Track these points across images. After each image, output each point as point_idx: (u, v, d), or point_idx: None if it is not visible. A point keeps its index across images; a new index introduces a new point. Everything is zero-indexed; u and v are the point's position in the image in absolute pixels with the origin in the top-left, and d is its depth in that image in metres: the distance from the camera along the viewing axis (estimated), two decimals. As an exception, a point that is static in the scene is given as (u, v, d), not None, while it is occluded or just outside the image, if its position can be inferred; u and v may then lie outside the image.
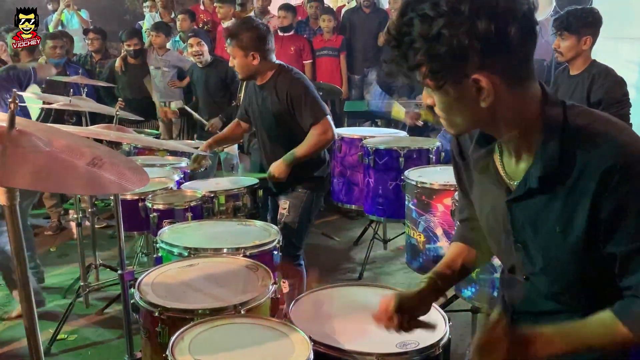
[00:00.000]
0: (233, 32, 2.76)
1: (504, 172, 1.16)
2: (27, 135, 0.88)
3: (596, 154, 1.01)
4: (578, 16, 2.89)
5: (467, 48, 0.95)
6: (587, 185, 1.02)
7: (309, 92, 2.79)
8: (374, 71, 5.98)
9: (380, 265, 4.25)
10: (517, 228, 1.15)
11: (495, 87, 1.00)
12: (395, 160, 3.83)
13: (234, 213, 3.07)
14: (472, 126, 1.12)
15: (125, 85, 5.46)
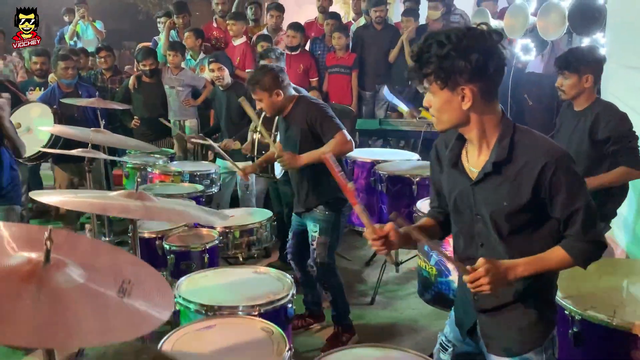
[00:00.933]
0: (254, 80, 3.09)
1: (468, 165, 1.68)
2: (62, 266, 0.94)
3: (536, 153, 1.56)
4: (578, 56, 2.90)
5: (462, 67, 1.49)
6: (530, 174, 1.56)
7: (323, 111, 3.08)
8: (386, 87, 6.01)
9: (392, 288, 4.28)
10: (477, 204, 1.66)
11: (473, 97, 1.53)
12: (408, 188, 3.87)
13: (249, 248, 3.15)
14: (454, 123, 1.60)
15: (140, 104, 5.53)
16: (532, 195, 1.57)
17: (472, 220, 1.70)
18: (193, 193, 3.81)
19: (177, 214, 1.74)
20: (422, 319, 3.77)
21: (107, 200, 1.75)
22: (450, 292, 3.26)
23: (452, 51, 1.48)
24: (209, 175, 4.54)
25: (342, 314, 3.36)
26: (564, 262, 1.61)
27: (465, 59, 1.48)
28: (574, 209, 1.57)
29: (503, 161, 1.58)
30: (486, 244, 1.68)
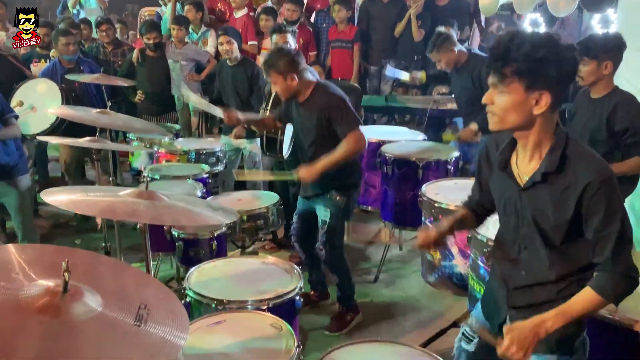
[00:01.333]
0: (270, 62, 3.03)
1: (517, 170, 1.69)
2: (79, 295, 0.96)
3: (584, 169, 1.56)
4: (599, 42, 2.86)
5: (552, 73, 1.51)
6: (575, 189, 1.57)
7: (345, 105, 3.04)
8: (392, 62, 5.93)
9: (396, 267, 4.33)
10: (524, 210, 1.68)
11: (547, 104, 1.55)
12: (413, 171, 3.86)
13: (256, 232, 3.18)
14: (518, 125, 1.60)
15: (144, 78, 5.48)
16: (575, 211, 1.58)
17: (517, 224, 1.73)
18: (199, 174, 3.82)
19: (186, 215, 1.75)
20: (425, 297, 3.84)
21: (117, 200, 1.76)
22: (453, 275, 3.32)
23: (548, 55, 1.50)
24: (215, 153, 4.54)
25: (348, 296, 3.42)
26: (594, 304, 1.60)
27: (558, 66, 1.51)
28: (606, 234, 1.56)
29: (552, 173, 1.60)
30: (529, 248, 1.72)
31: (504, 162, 1.72)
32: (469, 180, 3.73)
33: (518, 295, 1.77)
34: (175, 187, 3.49)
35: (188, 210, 1.82)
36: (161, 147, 4.33)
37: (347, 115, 3.02)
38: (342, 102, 3.05)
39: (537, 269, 1.71)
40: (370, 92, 5.98)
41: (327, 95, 3.05)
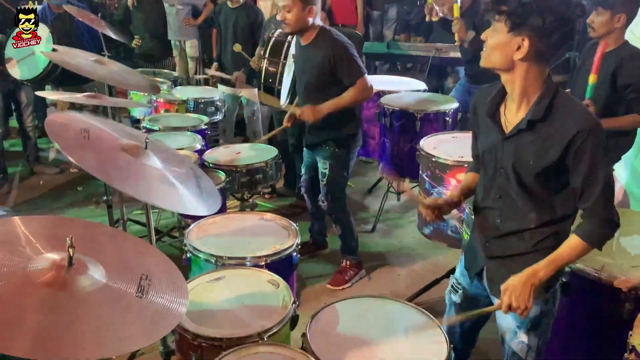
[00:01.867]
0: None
1: (504, 119, 1.73)
2: (83, 268, 1.00)
3: (572, 119, 1.60)
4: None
5: (533, 22, 1.54)
6: (562, 138, 1.60)
7: (349, 52, 2.99)
8: (395, 7, 5.79)
9: (393, 217, 4.42)
10: (504, 158, 1.72)
11: (528, 52, 1.58)
12: (412, 123, 3.87)
13: (255, 186, 3.23)
14: (499, 66, 1.65)
15: (140, 23, 5.38)
16: (558, 159, 1.62)
17: (494, 173, 1.78)
18: (198, 126, 3.82)
19: (168, 198, 1.73)
20: (420, 247, 3.94)
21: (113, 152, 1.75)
22: (448, 227, 3.38)
23: (534, 3, 1.54)
24: (213, 103, 4.53)
25: (351, 249, 3.49)
26: (580, 250, 1.67)
27: (541, 16, 1.54)
28: (594, 180, 1.61)
29: (538, 120, 1.64)
30: (504, 197, 1.77)
31: (493, 108, 1.76)
32: (467, 133, 3.72)
33: (494, 244, 1.82)
34: (174, 140, 3.51)
35: (172, 192, 1.78)
36: (159, 97, 4.31)
37: (352, 62, 3.00)
38: (347, 48, 3.01)
39: (512, 218, 1.77)
40: (373, 37, 5.87)
41: (332, 41, 3.00)
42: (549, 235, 1.73)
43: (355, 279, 3.50)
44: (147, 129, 3.80)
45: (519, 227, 1.76)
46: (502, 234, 1.80)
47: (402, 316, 1.92)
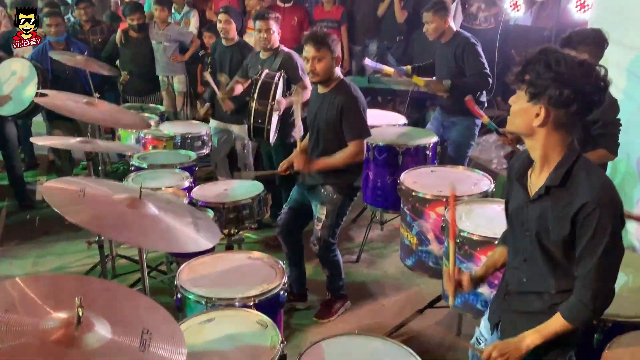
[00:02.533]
0: (324, 36, 3.06)
1: (530, 182, 1.80)
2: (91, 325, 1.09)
3: (584, 189, 1.63)
4: (580, 35, 2.97)
5: (551, 94, 1.61)
6: (573, 206, 1.63)
7: (358, 109, 3.11)
8: (375, 42, 6.00)
9: (377, 247, 4.53)
10: (529, 221, 1.77)
11: (546, 121, 1.65)
12: (394, 157, 4.01)
13: (242, 222, 3.34)
14: (520, 131, 1.74)
15: (128, 59, 5.50)
16: (570, 227, 1.65)
17: (521, 235, 1.82)
18: (186, 163, 3.92)
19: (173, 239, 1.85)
20: (403, 277, 4.05)
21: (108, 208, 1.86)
22: (429, 259, 3.51)
23: (551, 77, 1.60)
24: (200, 137, 4.64)
25: (337, 287, 3.53)
26: (563, 328, 1.72)
27: (558, 89, 1.60)
28: (589, 254, 1.63)
29: (556, 187, 1.68)
30: (529, 260, 1.81)
31: (522, 172, 1.83)
32: (446, 168, 3.91)
33: (514, 299, 1.89)
34: (163, 178, 3.61)
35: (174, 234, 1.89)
36: (147, 133, 4.41)
37: (357, 119, 3.10)
38: (358, 104, 3.11)
39: (537, 279, 1.81)
40: (355, 72, 6.06)
41: (348, 92, 3.10)
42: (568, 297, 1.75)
43: (341, 310, 3.57)
44: (135, 167, 3.89)
45: (541, 288, 1.81)
46: (524, 291, 1.86)
47: (386, 354, 2.02)
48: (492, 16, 5.79)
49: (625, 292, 2.28)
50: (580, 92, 1.60)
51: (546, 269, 1.77)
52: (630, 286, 2.32)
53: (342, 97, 3.09)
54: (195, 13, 5.83)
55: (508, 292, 1.92)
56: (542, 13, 5.67)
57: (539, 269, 1.79)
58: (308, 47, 3.06)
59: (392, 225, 4.66)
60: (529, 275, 1.83)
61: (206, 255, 2.58)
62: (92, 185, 1.98)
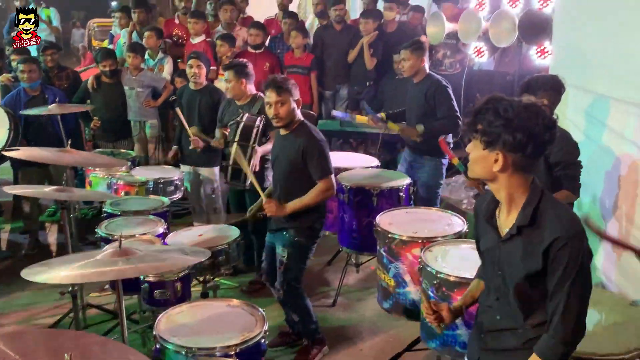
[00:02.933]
0: (282, 81, 3.17)
1: (499, 223, 1.84)
2: None
3: (553, 225, 1.69)
4: (539, 82, 3.11)
5: (505, 140, 1.67)
6: (543, 243, 1.69)
7: (321, 149, 3.18)
8: (345, 87, 6.15)
9: (353, 290, 4.51)
10: (501, 261, 1.82)
11: (504, 164, 1.71)
12: (369, 199, 4.05)
13: (218, 268, 3.30)
14: (482, 177, 1.80)
15: (100, 105, 5.48)
16: (543, 263, 1.71)
17: (494, 275, 1.88)
18: (159, 208, 3.88)
19: (161, 263, 1.87)
20: (381, 320, 4.03)
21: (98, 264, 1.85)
22: (406, 302, 3.52)
23: (502, 124, 1.67)
24: (173, 182, 4.60)
25: (311, 331, 3.49)
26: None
27: (511, 134, 1.67)
28: (560, 290, 1.69)
29: (526, 226, 1.74)
30: (502, 299, 1.87)
31: (490, 213, 1.87)
32: (419, 209, 3.97)
33: (490, 337, 1.94)
34: (137, 226, 3.57)
35: (162, 257, 1.93)
36: (119, 179, 4.37)
37: (321, 159, 3.17)
38: (320, 145, 3.19)
39: (510, 316, 1.85)
40: (326, 115, 6.17)
41: (309, 135, 3.18)
42: (541, 334, 1.78)
43: (319, 356, 3.52)
44: (108, 214, 3.83)
45: (515, 325, 1.85)
46: (498, 329, 1.90)
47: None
48: (457, 62, 6.03)
49: (599, 329, 2.33)
50: (531, 134, 1.67)
51: (519, 305, 1.81)
52: (603, 324, 2.37)
53: (304, 139, 3.17)
54: (169, 60, 5.89)
55: (483, 331, 1.96)
56: (505, 59, 5.92)
57: (512, 307, 1.83)
58: (269, 93, 3.14)
59: (368, 268, 4.67)
60: (502, 313, 1.88)
61: (184, 304, 2.53)
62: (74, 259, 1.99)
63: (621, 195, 3.42)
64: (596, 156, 3.62)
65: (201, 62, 4.68)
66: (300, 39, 5.85)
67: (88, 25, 15.51)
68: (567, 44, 4.21)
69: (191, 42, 5.97)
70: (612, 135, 3.55)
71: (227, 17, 6.20)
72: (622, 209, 3.38)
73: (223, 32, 5.95)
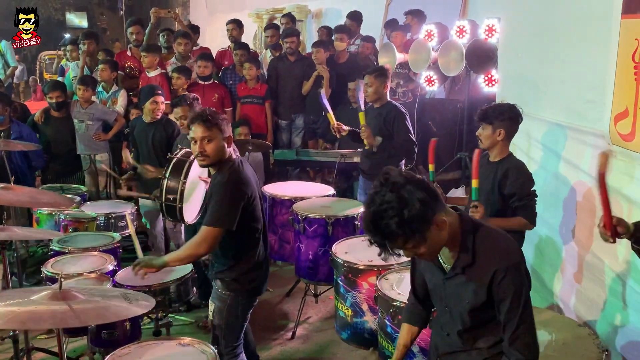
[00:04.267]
0: (211, 117, 2.72)
1: (442, 260, 1.85)
2: None
3: (491, 259, 1.75)
4: (496, 111, 3.11)
5: (395, 232, 1.62)
6: (485, 277, 1.75)
7: (225, 196, 2.70)
8: (301, 117, 6.19)
9: (312, 321, 4.45)
10: (447, 297, 1.87)
11: (418, 246, 1.69)
12: (324, 228, 4.04)
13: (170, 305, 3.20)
14: (446, 244, 1.78)
15: (49, 139, 5.34)
16: (487, 296, 1.77)
17: (441, 311, 1.93)
18: (109, 245, 3.76)
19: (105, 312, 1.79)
20: (341, 351, 3.97)
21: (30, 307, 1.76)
22: (364, 331, 3.49)
23: (382, 224, 1.62)
24: (124, 217, 4.48)
25: None
26: None
27: (409, 235, 1.65)
28: (511, 318, 1.75)
29: (468, 265, 1.80)
30: (451, 334, 1.92)
31: None
32: (375, 237, 3.98)
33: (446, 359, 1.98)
34: (85, 263, 3.43)
35: (106, 305, 1.85)
36: (68, 215, 4.22)
37: (219, 203, 2.67)
38: (226, 191, 2.70)
39: (463, 342, 1.91)
40: (282, 144, 6.18)
41: (223, 177, 2.75)
42: (496, 354, 1.85)
43: None
44: (55, 252, 3.68)
45: (469, 348, 1.91)
46: (454, 351, 1.96)
47: None
48: (409, 91, 6.16)
49: (550, 351, 2.36)
50: (402, 220, 1.62)
51: (469, 335, 1.87)
52: (554, 345, 2.40)
53: (217, 179, 2.77)
54: (124, 92, 5.78)
55: (439, 355, 2.01)
56: (455, 87, 6.09)
57: (463, 336, 1.89)
58: (195, 127, 2.70)
59: (327, 297, 4.62)
60: (454, 342, 1.93)
61: (132, 344, 2.42)
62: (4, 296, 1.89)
63: (578, 224, 3.41)
64: (551, 185, 3.64)
65: (164, 99, 4.66)
66: (253, 71, 5.88)
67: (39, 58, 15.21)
68: (512, 72, 4.37)
69: (147, 75, 5.89)
70: (565, 163, 3.57)
71: (181, 50, 6.18)
72: (580, 239, 3.38)
73: (178, 65, 5.90)
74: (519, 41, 4.26)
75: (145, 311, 1.88)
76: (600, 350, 2.36)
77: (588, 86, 3.26)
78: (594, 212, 3.23)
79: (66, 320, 1.71)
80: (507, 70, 4.47)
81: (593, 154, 3.23)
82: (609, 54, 2.94)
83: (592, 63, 3.21)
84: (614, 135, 2.95)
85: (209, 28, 10.60)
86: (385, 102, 4.39)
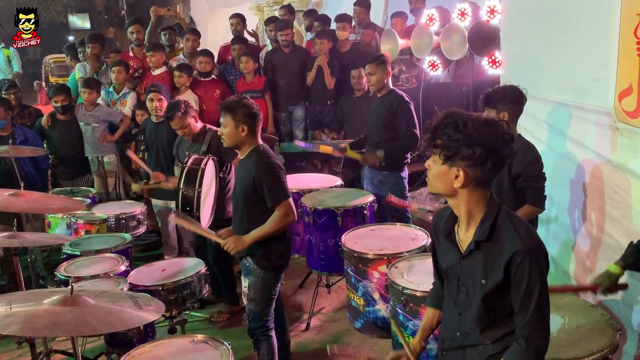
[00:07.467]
0: (229, 106, 3.04)
1: (459, 239, 1.85)
2: None
3: (511, 240, 1.72)
4: (499, 94, 3.09)
5: (465, 155, 1.68)
6: (503, 257, 1.71)
7: (273, 173, 3.02)
8: (299, 108, 6.17)
9: (326, 312, 4.47)
10: (464, 276, 1.83)
11: (465, 180, 1.72)
12: (333, 219, 4.04)
13: (184, 302, 3.23)
14: (443, 193, 1.79)
15: (56, 142, 5.38)
16: (502, 278, 1.72)
17: (457, 290, 1.88)
18: (121, 246, 3.80)
19: (115, 320, 1.81)
20: (355, 341, 3.98)
21: (40, 311, 1.79)
22: (377, 319, 3.50)
23: (462, 139, 1.67)
24: (135, 217, 4.52)
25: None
26: None
27: (471, 149, 1.67)
28: (526, 302, 1.71)
29: (484, 241, 1.75)
30: (464, 314, 1.86)
31: (449, 230, 1.87)
32: (384, 226, 3.98)
33: (451, 355, 1.94)
34: (98, 265, 3.47)
35: (116, 311, 1.87)
36: (79, 218, 4.26)
37: (275, 184, 3.00)
38: (272, 170, 3.02)
39: (471, 332, 1.85)
40: (284, 136, 6.18)
41: (260, 162, 3.02)
42: (501, 350, 1.81)
43: None
44: (68, 255, 3.73)
45: (475, 341, 1.85)
46: (459, 346, 1.90)
47: None
48: (413, 76, 6.12)
49: (564, 334, 2.35)
50: (491, 148, 1.68)
51: (480, 321, 1.81)
52: (567, 328, 2.39)
53: (254, 165, 3.02)
54: (133, 94, 5.78)
55: (444, 349, 1.96)
56: (459, 70, 6.05)
57: (474, 322, 1.83)
58: (221, 118, 3.08)
59: (340, 287, 4.64)
60: (462, 329, 1.88)
61: (146, 344, 2.45)
62: (17, 298, 1.91)
63: (588, 203, 3.38)
64: (559, 165, 3.62)
65: (162, 96, 4.67)
66: (250, 64, 5.87)
67: (44, 62, 15.28)
68: (516, 54, 4.32)
69: (152, 74, 5.90)
70: (571, 142, 3.54)
71: (189, 46, 6.19)
72: (591, 217, 3.35)
73: (182, 62, 5.91)
74: (521, 21, 4.21)
75: (155, 318, 1.88)
76: (614, 330, 2.35)
77: (592, 64, 3.22)
78: (603, 191, 3.22)
79: (79, 330, 1.73)
80: (510, 52, 4.43)
81: (600, 132, 3.21)
82: (612, 30, 2.89)
83: (596, 40, 3.16)
84: (620, 112, 2.91)
85: (210, 23, 10.59)
86: (389, 90, 4.38)
